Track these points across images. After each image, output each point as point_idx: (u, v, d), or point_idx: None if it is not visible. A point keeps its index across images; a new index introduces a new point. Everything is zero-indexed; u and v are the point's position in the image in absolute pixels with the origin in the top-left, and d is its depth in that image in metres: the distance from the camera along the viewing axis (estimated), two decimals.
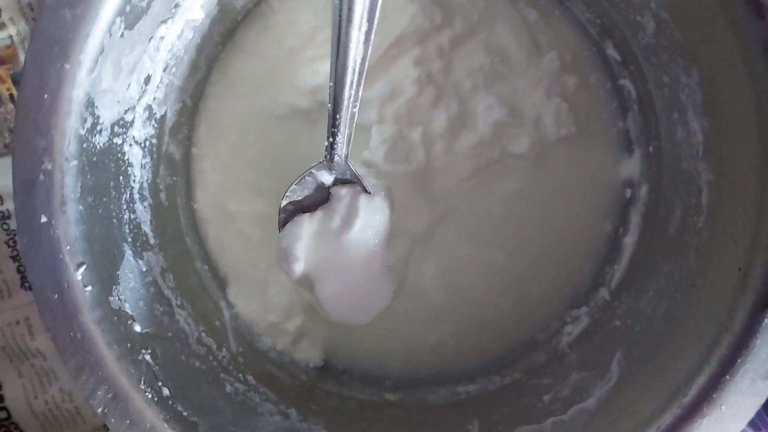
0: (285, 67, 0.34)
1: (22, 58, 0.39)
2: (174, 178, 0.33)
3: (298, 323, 0.36)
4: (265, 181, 0.36)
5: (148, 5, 0.23)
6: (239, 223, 0.36)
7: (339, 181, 0.31)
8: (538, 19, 0.35)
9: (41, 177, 0.22)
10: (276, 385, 0.32)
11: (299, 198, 0.32)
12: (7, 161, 0.40)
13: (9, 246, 0.41)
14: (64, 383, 0.42)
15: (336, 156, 0.29)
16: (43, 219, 0.22)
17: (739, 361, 0.23)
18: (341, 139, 0.28)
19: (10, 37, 0.39)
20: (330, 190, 0.31)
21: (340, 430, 0.30)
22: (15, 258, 0.41)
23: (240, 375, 0.31)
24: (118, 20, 0.22)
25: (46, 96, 0.21)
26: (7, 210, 0.41)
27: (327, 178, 0.31)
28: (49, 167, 0.22)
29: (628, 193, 0.36)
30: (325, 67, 0.32)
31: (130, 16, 0.23)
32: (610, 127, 0.36)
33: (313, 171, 0.31)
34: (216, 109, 0.35)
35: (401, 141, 0.34)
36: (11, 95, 0.40)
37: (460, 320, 0.38)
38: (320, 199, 0.32)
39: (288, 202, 0.32)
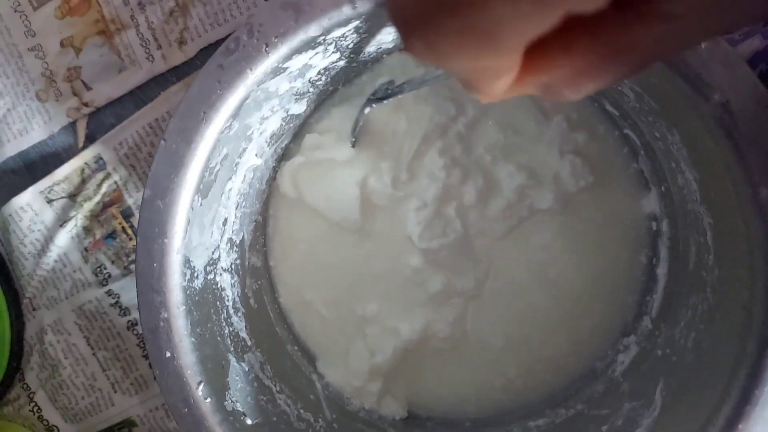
0: (332, 186, 0.40)
1: (126, 197, 0.48)
2: (259, 282, 0.40)
3: (379, 384, 0.42)
4: (333, 271, 0.42)
5: (216, 176, 0.30)
6: (316, 307, 0.42)
7: None
8: None
9: (161, 324, 0.29)
10: None
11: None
12: (128, 280, 0.49)
13: (140, 347, 0.50)
14: None
15: None
16: (168, 354, 0.29)
17: (756, 392, 0.26)
18: None
19: (116, 182, 0.48)
20: None
21: None
22: (146, 357, 0.50)
23: None
24: (196, 197, 0.29)
25: (155, 264, 0.29)
26: (135, 318, 0.50)
27: None
28: (165, 315, 0.29)
29: (654, 226, 0.39)
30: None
31: (204, 190, 0.30)
32: (625, 169, 0.39)
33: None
34: (282, 223, 0.42)
35: (438, 218, 0.39)
36: (123, 228, 0.49)
37: (522, 360, 0.42)
38: None
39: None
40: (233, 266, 0.36)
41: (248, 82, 0.27)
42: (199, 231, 0.31)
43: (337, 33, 0.28)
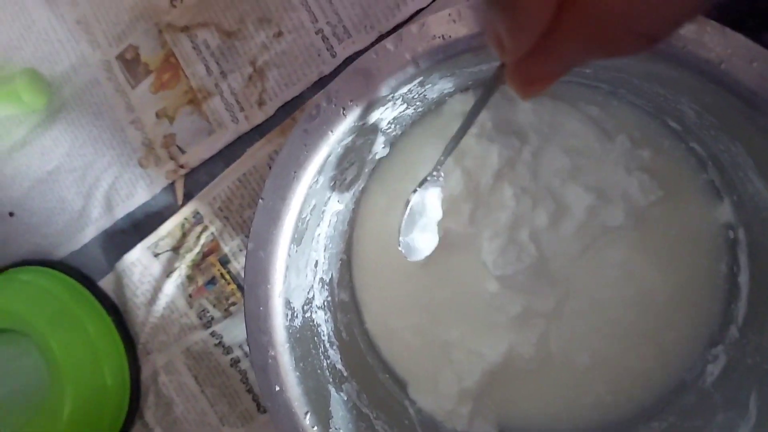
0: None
1: (222, 246, 0.53)
2: (348, 316, 0.43)
3: (469, 407, 0.43)
4: (415, 299, 0.44)
5: (307, 224, 0.34)
6: (402, 335, 0.45)
7: None
8: (599, 112, 0.40)
9: (269, 361, 0.32)
10: None
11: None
12: (229, 321, 0.54)
13: (243, 383, 0.54)
14: None
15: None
16: (277, 388, 0.32)
17: None
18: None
19: (212, 233, 0.53)
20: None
21: None
22: (249, 391, 0.54)
23: None
24: (292, 246, 0.33)
25: (260, 308, 0.32)
26: (237, 356, 0.54)
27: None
28: (273, 353, 0.32)
29: (731, 234, 0.39)
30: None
31: (298, 239, 0.33)
32: (695, 180, 0.40)
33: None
34: (364, 258, 0.45)
35: (511, 245, 0.41)
36: (221, 274, 0.54)
37: (610, 376, 0.42)
38: None
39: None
40: (325, 303, 0.39)
41: (330, 142, 0.31)
42: (296, 275, 0.34)
43: (404, 89, 0.31)
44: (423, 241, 0.38)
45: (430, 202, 0.37)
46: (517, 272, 0.41)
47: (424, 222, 0.37)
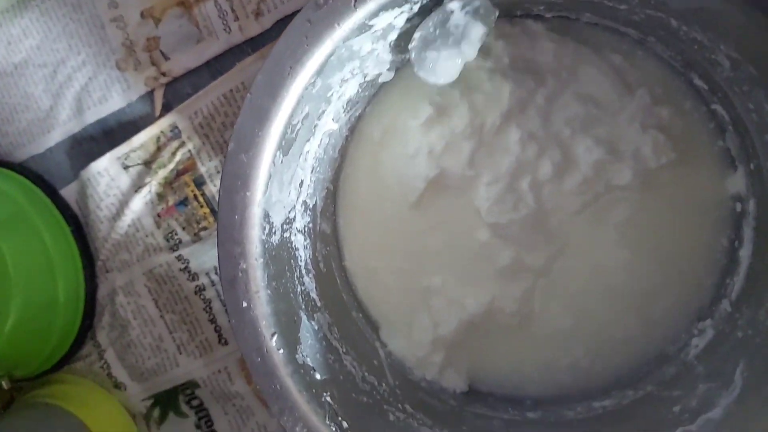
0: (402, 159, 0.40)
1: (199, 165, 0.50)
2: (328, 248, 0.41)
3: (441, 356, 0.41)
4: (399, 241, 0.42)
5: (296, 134, 0.31)
6: (381, 276, 0.43)
7: None
8: (623, 61, 0.38)
9: (239, 274, 0.30)
10: (429, 411, 0.38)
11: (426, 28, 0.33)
12: (198, 247, 0.51)
13: (206, 312, 0.52)
14: (259, 418, 0.52)
15: None
16: (245, 304, 0.30)
17: None
18: None
19: (190, 151, 0.50)
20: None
21: None
22: (211, 321, 0.52)
23: (399, 405, 0.37)
24: (278, 153, 0.30)
25: (236, 216, 0.29)
26: (202, 284, 0.51)
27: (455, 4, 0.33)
28: (244, 266, 0.30)
29: (739, 207, 0.38)
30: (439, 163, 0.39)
31: (285, 147, 0.30)
32: (710, 147, 0.38)
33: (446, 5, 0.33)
34: (350, 191, 0.42)
35: (509, 193, 0.39)
36: (195, 195, 0.50)
37: (590, 341, 0.41)
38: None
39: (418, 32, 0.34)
40: (306, 229, 0.37)
41: (335, 37, 0.28)
42: (279, 188, 0.31)
43: None
44: (445, 64, 0.34)
45: (468, 30, 0.33)
46: (511, 222, 0.39)
47: (453, 41, 0.33)
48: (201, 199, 0.51)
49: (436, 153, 0.39)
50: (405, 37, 0.34)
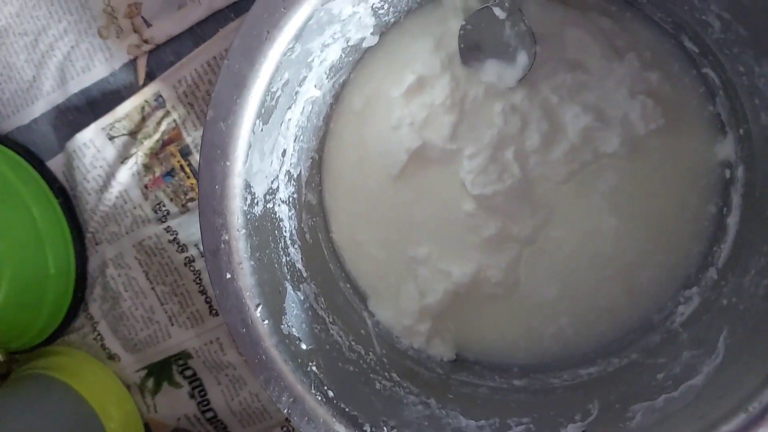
0: (385, 129, 0.40)
1: (185, 135, 0.49)
2: (314, 219, 0.40)
3: (428, 325, 0.42)
4: (385, 212, 0.42)
5: (276, 101, 0.30)
6: (368, 248, 0.43)
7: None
8: (612, 25, 0.37)
9: (222, 245, 0.30)
10: (416, 379, 0.38)
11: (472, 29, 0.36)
12: (186, 218, 0.51)
13: (196, 283, 0.52)
14: (251, 387, 0.52)
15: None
16: (228, 275, 0.30)
17: None
18: None
19: (174, 120, 0.49)
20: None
21: (474, 414, 0.35)
22: (202, 292, 0.52)
23: (386, 373, 0.37)
24: (258, 121, 0.29)
25: (216, 187, 0.29)
26: (192, 255, 0.51)
27: (500, 13, 0.35)
28: (226, 238, 0.29)
29: (728, 173, 0.37)
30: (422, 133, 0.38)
31: (265, 115, 0.30)
32: (700, 112, 0.37)
33: (490, 5, 0.35)
34: (336, 162, 0.41)
35: (493, 164, 0.38)
36: (181, 166, 0.50)
37: (576, 310, 0.41)
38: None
39: (463, 32, 0.37)
40: (290, 199, 0.36)
41: (313, 0, 0.27)
42: (260, 157, 0.31)
43: None
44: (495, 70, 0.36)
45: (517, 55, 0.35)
46: (496, 193, 0.39)
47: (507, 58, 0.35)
48: (188, 169, 0.50)
49: (417, 124, 0.39)
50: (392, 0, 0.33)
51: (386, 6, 0.34)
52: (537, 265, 0.41)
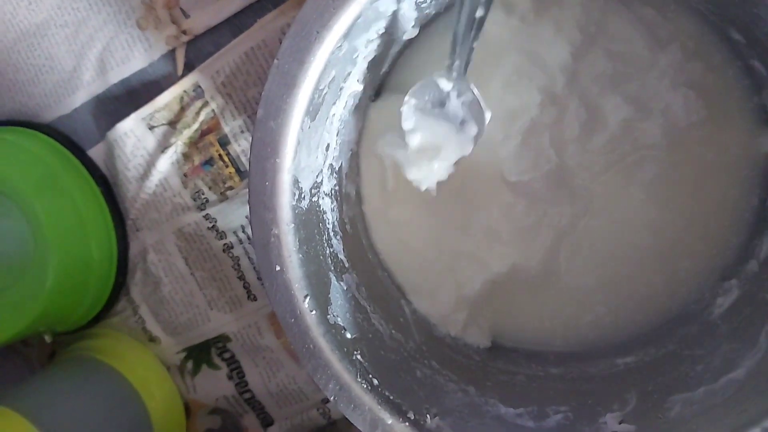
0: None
1: (223, 125, 0.50)
2: (353, 210, 0.41)
3: (465, 314, 0.42)
4: (421, 203, 0.42)
5: (323, 98, 0.31)
6: (404, 237, 0.43)
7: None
8: (655, 15, 0.37)
9: (272, 239, 0.30)
10: (455, 367, 0.39)
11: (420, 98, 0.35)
12: (225, 206, 0.52)
13: (234, 269, 0.53)
14: (288, 370, 0.54)
15: (455, 69, 0.32)
16: (278, 268, 0.31)
17: None
18: (461, 53, 0.31)
19: (213, 110, 0.50)
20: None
21: (513, 402, 0.36)
22: (240, 278, 0.53)
23: (425, 361, 0.38)
24: (306, 119, 0.30)
25: (267, 183, 0.30)
26: (230, 242, 0.52)
27: (445, 84, 0.34)
28: (276, 232, 0.30)
29: None
30: None
31: (313, 112, 0.30)
32: (744, 103, 0.37)
33: (434, 76, 0.34)
34: (372, 154, 0.42)
35: (527, 150, 0.38)
36: (220, 155, 0.51)
37: (613, 299, 0.41)
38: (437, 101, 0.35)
39: (410, 97, 0.35)
40: (333, 192, 0.37)
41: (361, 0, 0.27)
42: (307, 153, 0.31)
43: None
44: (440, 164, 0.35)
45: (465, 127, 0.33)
46: (533, 179, 0.39)
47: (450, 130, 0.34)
48: (226, 158, 0.51)
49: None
50: None
51: (429, 0, 0.34)
52: (575, 254, 0.41)
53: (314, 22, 0.27)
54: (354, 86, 0.35)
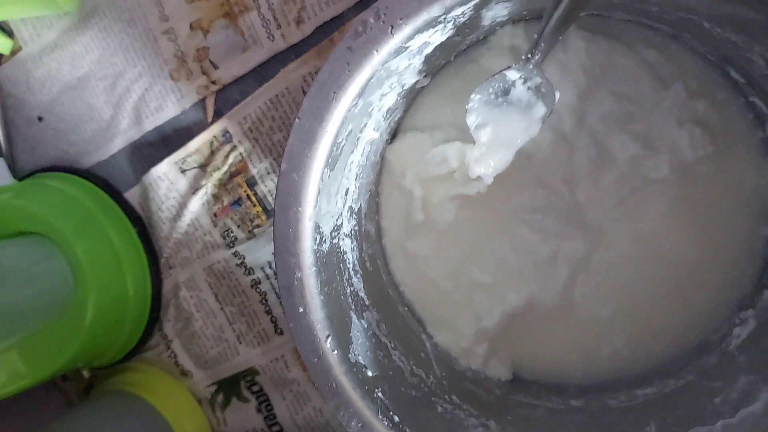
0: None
1: (250, 167, 0.53)
2: (373, 248, 0.43)
3: (485, 347, 0.43)
4: (434, 237, 0.44)
5: (341, 150, 0.33)
6: (424, 271, 0.45)
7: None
8: (657, 56, 0.38)
9: (295, 282, 0.32)
10: (475, 401, 0.40)
11: (484, 93, 0.35)
12: (252, 243, 0.54)
13: (262, 304, 0.55)
14: (315, 402, 0.55)
15: (533, 63, 0.33)
16: (301, 310, 0.33)
17: None
18: (544, 49, 0.32)
19: (241, 154, 0.53)
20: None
21: None
22: (267, 312, 0.55)
23: (446, 396, 0.39)
24: (325, 170, 0.32)
25: (290, 230, 0.32)
26: (257, 278, 0.55)
27: (513, 74, 0.34)
28: (299, 275, 0.32)
29: None
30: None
31: (332, 163, 0.32)
32: (750, 138, 0.38)
33: (504, 72, 0.34)
34: (390, 193, 0.44)
35: (540, 188, 0.40)
36: (247, 195, 0.53)
37: (631, 330, 0.42)
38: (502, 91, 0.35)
39: (475, 94, 0.35)
40: (353, 232, 0.39)
41: (374, 62, 0.29)
42: (327, 200, 0.33)
43: (458, 11, 0.29)
44: (503, 152, 0.35)
45: (531, 108, 0.34)
46: (547, 215, 0.40)
47: (517, 115, 0.34)
48: (254, 198, 0.54)
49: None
50: (441, 47, 0.36)
51: (438, 53, 0.36)
52: (592, 287, 0.42)
53: (331, 84, 0.30)
54: (371, 134, 0.37)
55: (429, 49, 0.34)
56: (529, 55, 0.33)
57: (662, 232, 0.40)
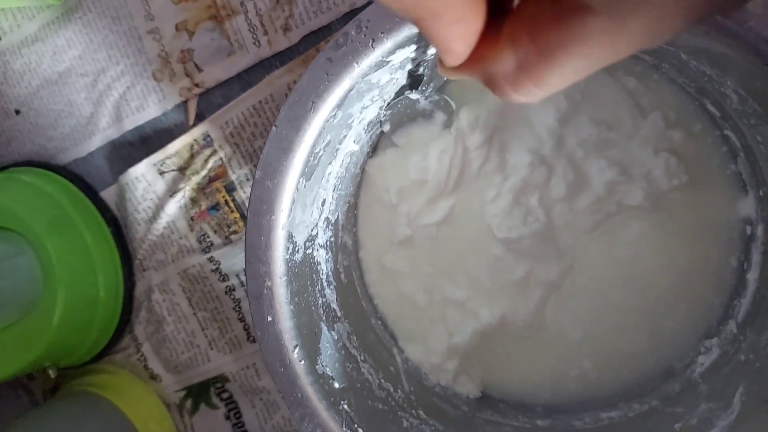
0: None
1: (230, 173, 0.52)
2: (349, 260, 0.43)
3: (456, 363, 0.43)
4: (411, 252, 0.44)
5: (319, 160, 0.33)
6: (399, 286, 0.45)
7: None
8: (638, 84, 0.39)
9: (265, 291, 0.32)
10: (442, 417, 0.40)
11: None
12: (228, 249, 0.54)
13: (235, 311, 0.55)
14: (285, 412, 0.55)
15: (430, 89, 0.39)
16: (269, 318, 0.32)
17: None
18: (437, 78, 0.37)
19: (221, 159, 0.52)
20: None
21: None
22: (240, 319, 0.55)
23: (413, 411, 0.39)
24: (301, 179, 0.32)
25: (262, 238, 0.32)
26: (232, 284, 0.54)
27: (415, 95, 0.40)
28: (269, 284, 0.32)
29: (749, 230, 0.38)
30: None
31: (308, 173, 0.32)
32: (722, 170, 0.38)
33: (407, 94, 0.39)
34: (369, 206, 0.44)
35: (517, 208, 0.40)
36: (226, 200, 0.53)
37: (599, 354, 0.42)
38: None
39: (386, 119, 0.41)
40: (328, 243, 0.39)
41: (354, 75, 0.29)
42: (302, 210, 0.33)
43: None
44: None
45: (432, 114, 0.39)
46: (522, 236, 0.41)
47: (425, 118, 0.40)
48: (232, 204, 0.53)
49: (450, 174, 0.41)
50: (424, 62, 0.36)
51: (421, 69, 0.36)
52: (562, 310, 0.42)
53: (310, 93, 0.30)
54: (351, 146, 0.37)
55: (412, 65, 0.34)
56: (424, 87, 0.38)
57: (634, 258, 0.41)
